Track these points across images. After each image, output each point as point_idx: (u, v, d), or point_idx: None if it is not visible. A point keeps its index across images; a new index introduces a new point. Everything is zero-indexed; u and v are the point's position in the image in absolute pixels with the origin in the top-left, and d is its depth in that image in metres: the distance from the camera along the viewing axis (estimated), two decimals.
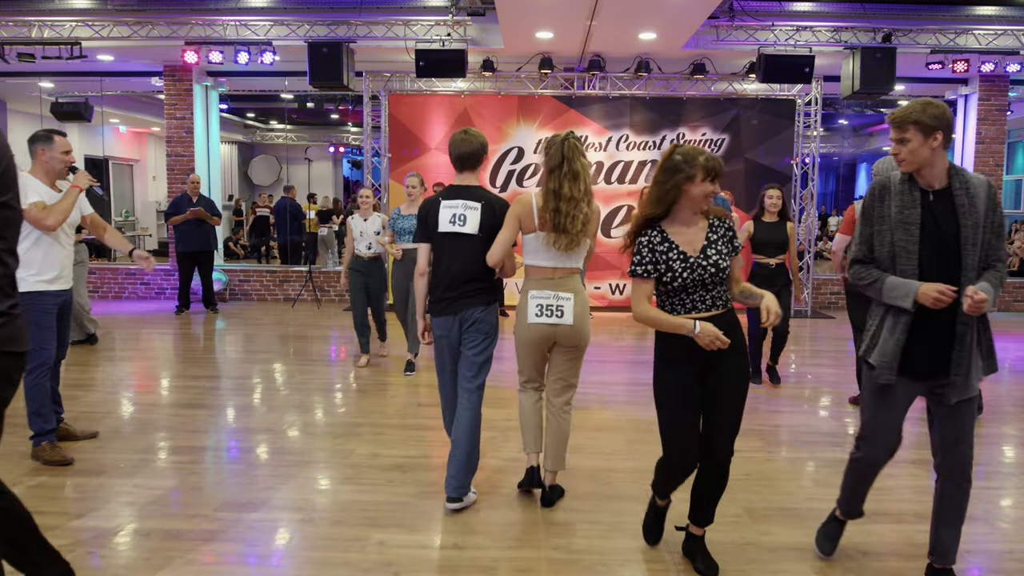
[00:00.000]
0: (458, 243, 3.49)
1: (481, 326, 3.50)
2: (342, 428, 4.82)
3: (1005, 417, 5.36)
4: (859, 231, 2.77)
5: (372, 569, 2.96)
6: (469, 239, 3.48)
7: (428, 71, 8.93)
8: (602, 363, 6.89)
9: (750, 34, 9.05)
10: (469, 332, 3.51)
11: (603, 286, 10.18)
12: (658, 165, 2.80)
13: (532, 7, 7.74)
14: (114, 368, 6.67)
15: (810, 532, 3.28)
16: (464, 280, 3.48)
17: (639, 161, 10.24)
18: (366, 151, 10.45)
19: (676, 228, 2.81)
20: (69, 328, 4.38)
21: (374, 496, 3.69)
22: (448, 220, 3.49)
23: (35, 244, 4.01)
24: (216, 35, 9.16)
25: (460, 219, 3.48)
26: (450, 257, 3.50)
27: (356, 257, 6.49)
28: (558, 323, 3.44)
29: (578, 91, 10.16)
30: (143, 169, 17.62)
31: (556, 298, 3.43)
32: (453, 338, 3.55)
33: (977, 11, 8.99)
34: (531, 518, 3.46)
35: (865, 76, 8.93)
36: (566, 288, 3.45)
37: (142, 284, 11.14)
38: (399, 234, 6.18)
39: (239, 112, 17.25)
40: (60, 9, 8.98)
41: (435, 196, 3.59)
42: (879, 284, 2.67)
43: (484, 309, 3.50)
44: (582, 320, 3.46)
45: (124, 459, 4.17)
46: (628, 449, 4.43)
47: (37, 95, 12.35)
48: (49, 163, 4.09)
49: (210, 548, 3.13)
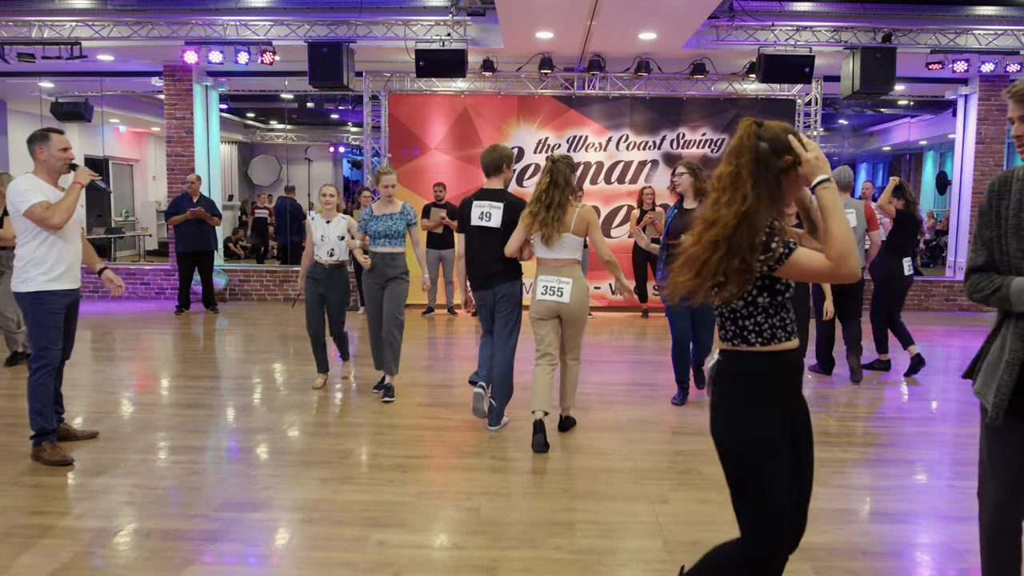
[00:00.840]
0: (485, 235, 4.58)
1: (508, 299, 4.61)
2: (342, 428, 4.82)
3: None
4: (976, 235, 2.29)
5: (372, 569, 2.96)
6: (494, 232, 4.55)
7: (428, 71, 8.93)
8: (602, 363, 6.89)
9: (750, 34, 9.05)
10: (500, 303, 4.62)
11: (603, 286, 10.18)
12: (747, 154, 2.07)
13: (532, 7, 7.74)
14: (114, 368, 6.67)
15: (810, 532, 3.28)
16: (491, 263, 4.57)
17: (639, 161, 10.24)
18: (366, 151, 10.45)
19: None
20: (75, 329, 4.39)
21: (374, 496, 3.69)
22: (478, 216, 4.59)
23: (43, 243, 4.04)
24: (216, 35, 9.16)
25: (487, 216, 4.57)
26: (480, 245, 4.61)
27: (316, 264, 5.59)
28: (559, 301, 4.36)
29: (578, 91, 10.16)
30: (143, 169, 17.62)
31: (558, 282, 4.37)
32: (489, 306, 4.67)
33: (977, 11, 8.99)
34: (531, 518, 3.46)
35: (865, 76, 8.93)
36: (566, 275, 4.37)
37: (142, 284, 11.14)
38: (372, 238, 5.42)
39: (239, 112, 17.24)
40: (60, 9, 8.98)
41: (469, 196, 4.70)
42: (1004, 291, 2.15)
43: (510, 285, 4.61)
44: (578, 300, 4.37)
45: (124, 459, 4.18)
46: (628, 449, 4.43)
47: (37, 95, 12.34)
48: (48, 161, 4.11)
49: (210, 548, 3.13)
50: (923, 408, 5.57)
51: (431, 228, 9.27)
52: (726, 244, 2.00)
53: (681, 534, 3.28)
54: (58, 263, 4.07)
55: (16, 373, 5.74)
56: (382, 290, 5.43)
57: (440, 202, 9.34)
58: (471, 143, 10.25)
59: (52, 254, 4.05)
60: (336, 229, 5.55)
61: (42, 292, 4.03)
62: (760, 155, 2.05)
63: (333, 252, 5.56)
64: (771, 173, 2.05)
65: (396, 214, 5.41)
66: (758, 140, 2.07)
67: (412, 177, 10.31)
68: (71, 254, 4.17)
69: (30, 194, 3.95)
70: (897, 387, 6.21)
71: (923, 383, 6.25)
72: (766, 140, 2.07)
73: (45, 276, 4.03)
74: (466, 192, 10.05)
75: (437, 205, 9.31)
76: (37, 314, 4.05)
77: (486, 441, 4.57)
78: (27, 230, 4.02)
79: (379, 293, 5.45)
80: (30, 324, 4.08)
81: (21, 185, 4.00)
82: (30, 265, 4.03)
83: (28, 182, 4.03)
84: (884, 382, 6.30)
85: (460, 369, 6.62)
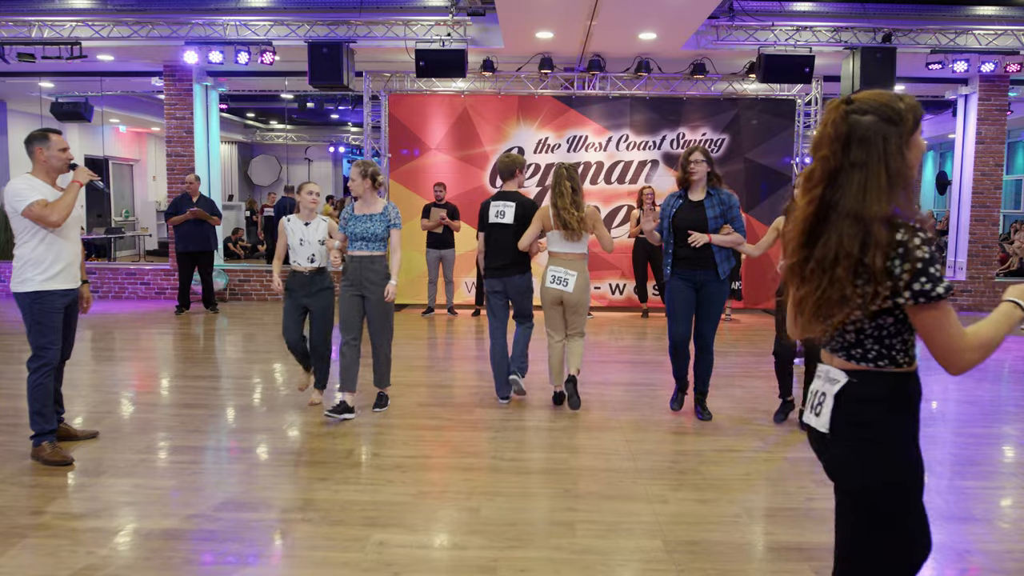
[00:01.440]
0: (501, 230, 5.25)
1: (519, 287, 5.29)
2: (342, 428, 4.82)
3: (1005, 417, 5.36)
4: None
5: (372, 569, 2.96)
6: (507, 228, 5.22)
7: (428, 71, 8.93)
8: (602, 363, 6.89)
9: (750, 34, 9.05)
10: (514, 295, 5.30)
11: (603, 286, 10.17)
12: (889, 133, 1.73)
13: (532, 7, 7.74)
14: (114, 368, 6.67)
15: (810, 532, 3.28)
16: (505, 255, 5.24)
17: (639, 161, 10.23)
18: (366, 151, 10.45)
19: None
20: (75, 329, 4.39)
21: (374, 496, 3.69)
22: (494, 214, 5.28)
23: (41, 242, 4.06)
24: (216, 35, 9.15)
25: (501, 214, 5.26)
26: (496, 240, 5.28)
27: (293, 274, 5.14)
28: (562, 290, 5.03)
29: (578, 91, 10.16)
30: (143, 169, 17.62)
31: (565, 272, 5.04)
32: (502, 292, 5.31)
33: (977, 11, 8.99)
34: (531, 518, 3.46)
35: (865, 76, 8.92)
36: (572, 267, 5.05)
37: (142, 284, 11.14)
38: (352, 239, 4.99)
39: (239, 112, 17.24)
40: (60, 9, 8.98)
41: (487, 199, 5.40)
42: None
43: (521, 276, 5.28)
44: (580, 290, 5.05)
45: (124, 459, 4.18)
46: (628, 449, 4.43)
47: (37, 95, 12.35)
48: (48, 161, 4.14)
49: (210, 548, 3.13)
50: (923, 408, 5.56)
51: (431, 228, 9.26)
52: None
53: (681, 534, 3.29)
54: (56, 262, 4.09)
55: (16, 373, 5.74)
56: (361, 299, 4.99)
57: (440, 202, 9.34)
58: (471, 143, 10.26)
59: (51, 253, 4.07)
60: (317, 233, 5.11)
61: (41, 292, 4.04)
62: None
63: (314, 258, 5.10)
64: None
65: (376, 215, 4.96)
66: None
67: (412, 177, 10.31)
68: (70, 253, 4.18)
69: (27, 193, 3.97)
70: None
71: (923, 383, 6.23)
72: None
73: (43, 276, 4.05)
74: (466, 192, 10.15)
75: (437, 205, 9.31)
76: (36, 314, 4.06)
77: (486, 441, 4.57)
78: (25, 230, 4.03)
79: (356, 302, 4.99)
80: (29, 324, 4.08)
81: (18, 185, 4.02)
82: (28, 265, 4.05)
83: (24, 182, 4.05)
84: None
85: (460, 369, 6.62)
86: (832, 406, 1.81)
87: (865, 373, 1.79)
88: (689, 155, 4.89)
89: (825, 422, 1.81)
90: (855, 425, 1.78)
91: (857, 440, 1.78)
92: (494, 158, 10.27)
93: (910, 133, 1.73)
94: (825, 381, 1.85)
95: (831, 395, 1.82)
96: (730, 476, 4.02)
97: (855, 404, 1.78)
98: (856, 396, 1.78)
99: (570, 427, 4.87)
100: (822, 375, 1.88)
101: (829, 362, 1.86)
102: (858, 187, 1.70)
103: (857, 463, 1.78)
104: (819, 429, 1.84)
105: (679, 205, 4.95)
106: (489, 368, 5.49)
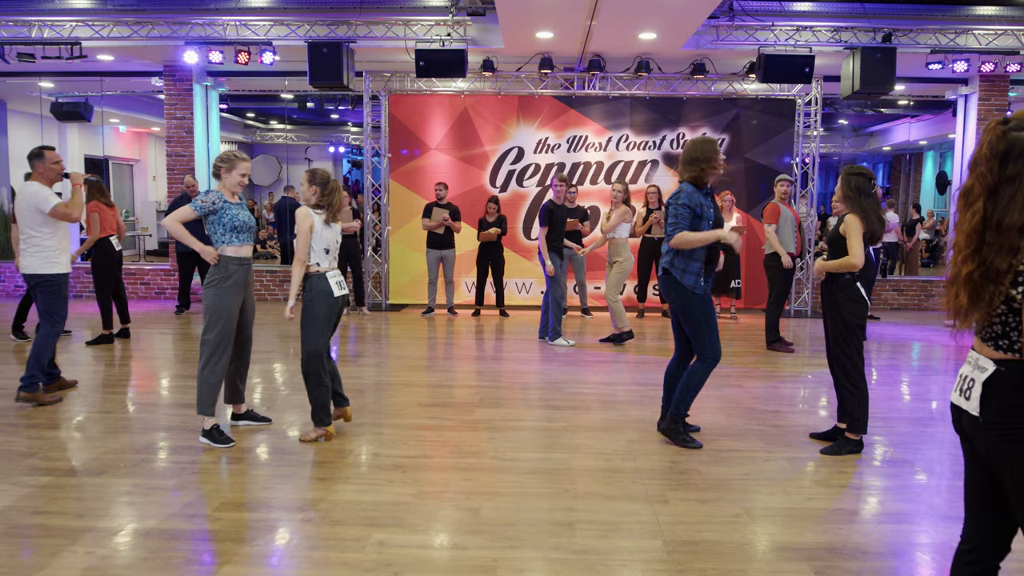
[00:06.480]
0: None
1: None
2: (342, 428, 4.82)
3: None
4: None
5: (372, 569, 2.96)
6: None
7: (428, 71, 8.94)
8: (602, 363, 6.89)
9: (750, 34, 9.05)
10: (577, 266, 7.88)
11: (603, 286, 10.17)
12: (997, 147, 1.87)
13: (532, 7, 7.74)
14: (114, 368, 6.67)
15: (810, 532, 3.28)
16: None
17: (639, 161, 10.24)
18: (366, 151, 10.45)
19: None
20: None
21: (374, 496, 3.69)
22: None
23: (55, 234, 5.21)
24: (216, 35, 9.16)
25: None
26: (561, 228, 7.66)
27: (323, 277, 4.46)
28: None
29: (578, 91, 10.16)
30: (143, 169, 17.62)
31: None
32: (561, 264, 7.55)
33: (977, 11, 9.00)
34: (531, 518, 3.46)
35: (865, 76, 8.93)
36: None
37: (142, 284, 11.15)
38: (234, 231, 4.39)
39: (239, 112, 17.25)
40: (60, 9, 8.98)
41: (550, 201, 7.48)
42: None
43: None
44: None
45: (124, 459, 4.17)
46: (628, 449, 4.43)
47: (37, 95, 12.36)
48: (46, 173, 5.26)
49: (210, 548, 3.13)
50: (923, 408, 5.57)
51: (433, 228, 9.26)
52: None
53: (681, 534, 3.28)
54: (67, 249, 5.34)
55: (16, 373, 5.74)
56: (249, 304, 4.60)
57: (442, 202, 9.33)
58: (471, 143, 10.26)
59: (65, 242, 5.27)
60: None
61: (65, 274, 5.25)
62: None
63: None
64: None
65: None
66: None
67: (412, 177, 10.31)
68: (67, 241, 5.35)
69: (50, 197, 5.12)
70: (897, 387, 6.21)
71: (923, 383, 6.24)
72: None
73: (66, 259, 5.29)
74: (466, 192, 10.17)
75: (439, 205, 9.31)
76: (62, 289, 5.25)
77: (486, 441, 4.57)
78: (44, 223, 5.14)
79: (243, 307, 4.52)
80: (52, 298, 5.16)
81: (41, 191, 5.12)
82: (60, 252, 5.24)
83: (42, 188, 5.14)
84: (883, 382, 6.30)
85: (460, 369, 6.62)
86: (981, 392, 1.93)
87: (1012, 363, 1.88)
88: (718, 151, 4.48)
89: (975, 406, 1.94)
90: (1008, 411, 1.88)
91: (1013, 426, 1.88)
92: (494, 158, 10.29)
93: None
94: (974, 368, 1.97)
95: (979, 381, 1.94)
96: (730, 476, 4.02)
97: (1007, 392, 1.88)
98: (1008, 383, 1.88)
99: (570, 427, 4.87)
100: (972, 361, 1.99)
101: (980, 350, 1.97)
102: (1021, 199, 1.82)
103: (1014, 447, 1.88)
104: (969, 412, 1.96)
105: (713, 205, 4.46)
106: (489, 368, 5.48)
